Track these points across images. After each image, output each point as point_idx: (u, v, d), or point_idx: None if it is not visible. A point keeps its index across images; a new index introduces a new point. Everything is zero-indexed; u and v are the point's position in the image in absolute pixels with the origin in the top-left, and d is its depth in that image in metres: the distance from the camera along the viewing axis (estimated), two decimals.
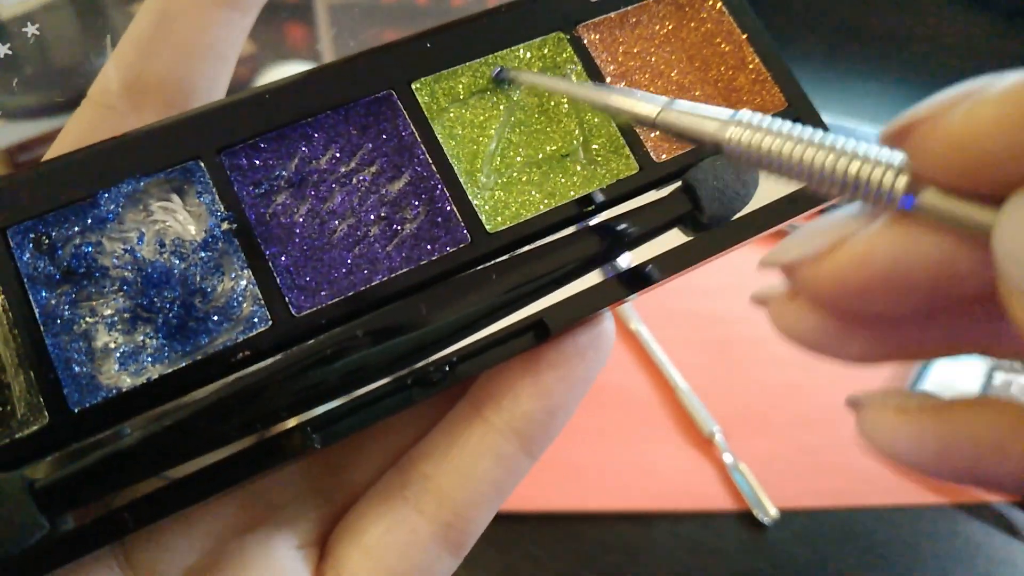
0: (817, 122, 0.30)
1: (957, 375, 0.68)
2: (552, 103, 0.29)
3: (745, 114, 0.20)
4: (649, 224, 0.28)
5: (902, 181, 0.17)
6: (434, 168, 0.27)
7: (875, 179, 0.17)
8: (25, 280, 0.24)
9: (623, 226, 0.28)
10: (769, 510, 0.61)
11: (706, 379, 0.70)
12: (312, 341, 0.25)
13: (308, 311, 0.25)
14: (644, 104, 0.23)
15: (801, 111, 0.30)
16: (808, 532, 0.60)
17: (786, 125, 0.19)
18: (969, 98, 0.16)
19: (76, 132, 0.27)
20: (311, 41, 0.68)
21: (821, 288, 0.19)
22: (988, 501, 0.62)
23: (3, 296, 0.24)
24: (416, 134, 0.28)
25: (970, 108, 0.15)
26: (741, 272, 0.79)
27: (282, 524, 0.27)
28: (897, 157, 0.17)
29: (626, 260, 0.28)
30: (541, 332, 0.27)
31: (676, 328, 0.74)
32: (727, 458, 0.64)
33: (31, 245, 0.24)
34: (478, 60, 0.29)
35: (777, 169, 0.19)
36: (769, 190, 0.29)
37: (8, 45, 0.30)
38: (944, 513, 0.62)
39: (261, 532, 0.27)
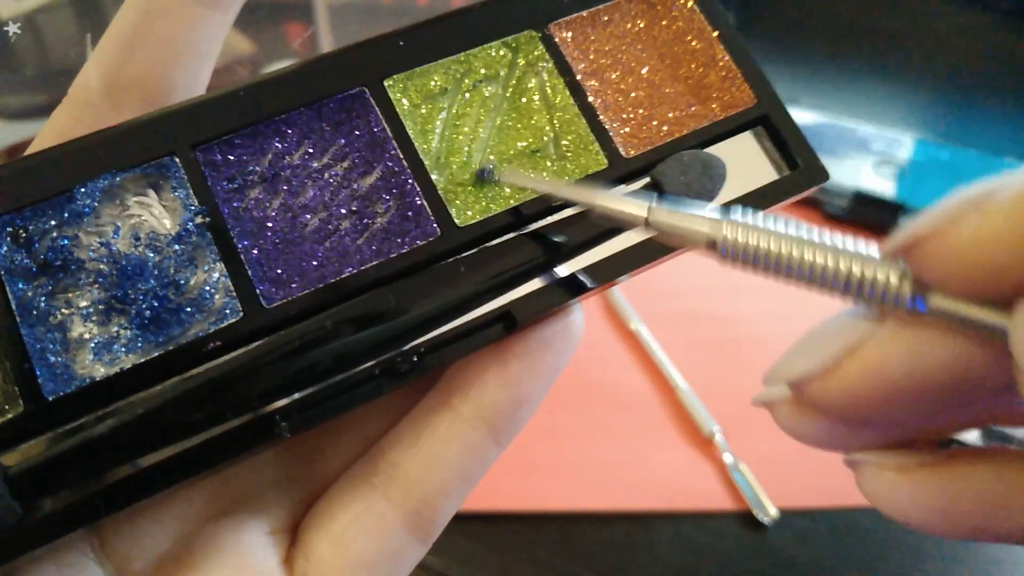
0: (786, 119, 0.31)
1: None
2: (524, 100, 0.30)
3: (737, 212, 0.20)
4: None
5: (908, 284, 0.17)
6: (405, 163, 0.28)
7: (881, 281, 0.17)
8: (2, 272, 0.25)
9: (591, 219, 0.28)
10: (769, 510, 0.61)
11: (706, 379, 0.70)
12: (282, 332, 0.26)
13: (279, 302, 0.26)
14: (632, 206, 0.23)
15: (770, 108, 0.31)
16: (808, 532, 0.60)
17: (780, 223, 0.19)
18: (974, 210, 0.15)
19: (56, 129, 0.28)
20: (311, 41, 0.69)
21: (832, 403, 0.18)
22: None
23: None
24: (388, 130, 0.28)
25: (978, 223, 0.15)
26: (741, 272, 0.80)
27: (254, 511, 0.27)
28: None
29: (593, 254, 0.28)
30: (509, 324, 0.27)
31: (676, 328, 0.74)
32: (727, 458, 0.64)
33: (8, 238, 0.25)
34: (451, 58, 0.29)
35: (775, 270, 0.19)
36: (736, 186, 0.29)
37: None
38: None
39: (232, 518, 0.27)
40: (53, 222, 0.26)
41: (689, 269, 0.83)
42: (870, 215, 0.73)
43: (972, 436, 0.64)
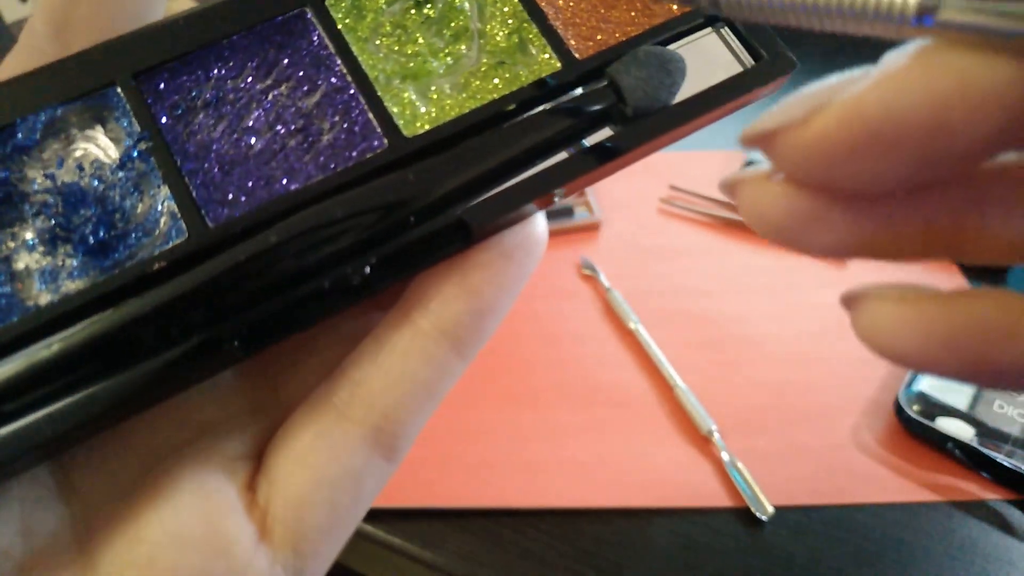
0: None
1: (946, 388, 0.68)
2: (470, 8, 0.29)
3: None
4: (573, 120, 0.27)
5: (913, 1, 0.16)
6: (349, 79, 0.27)
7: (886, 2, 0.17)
8: None
9: (546, 123, 0.27)
10: (766, 507, 0.61)
11: (704, 378, 0.70)
12: (228, 251, 0.25)
13: (224, 221, 0.25)
14: None
15: None
16: (804, 529, 0.61)
17: None
18: None
19: (4, 78, 0.28)
20: None
21: (806, 154, 0.18)
22: (984, 499, 0.62)
23: None
24: (331, 47, 0.28)
25: None
26: (739, 273, 0.79)
27: (217, 439, 0.27)
28: None
29: (552, 157, 0.27)
30: (465, 234, 0.26)
31: (674, 327, 0.75)
32: (724, 456, 0.64)
33: None
34: None
35: (779, 13, 0.18)
36: (698, 82, 0.28)
37: None
38: (940, 511, 0.62)
39: (195, 446, 0.26)
40: None
41: (689, 269, 0.83)
42: None
43: (968, 434, 0.63)
